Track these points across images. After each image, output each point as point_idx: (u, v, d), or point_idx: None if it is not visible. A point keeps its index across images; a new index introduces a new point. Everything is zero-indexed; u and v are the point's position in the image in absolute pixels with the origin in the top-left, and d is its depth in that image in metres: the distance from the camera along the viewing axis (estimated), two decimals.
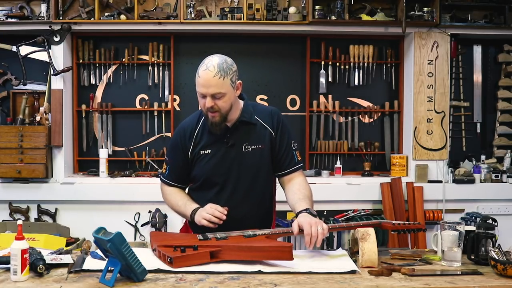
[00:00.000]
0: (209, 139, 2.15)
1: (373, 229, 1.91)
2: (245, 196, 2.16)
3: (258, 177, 2.17)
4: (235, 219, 2.11)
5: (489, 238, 1.93)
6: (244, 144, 2.15)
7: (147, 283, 1.64)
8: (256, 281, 1.67)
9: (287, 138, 2.22)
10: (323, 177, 4.11)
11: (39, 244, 3.25)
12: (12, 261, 1.64)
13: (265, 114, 2.21)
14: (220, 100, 2.02)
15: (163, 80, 4.15)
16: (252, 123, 2.17)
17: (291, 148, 2.23)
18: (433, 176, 4.06)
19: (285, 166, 2.22)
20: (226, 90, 2.02)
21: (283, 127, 2.22)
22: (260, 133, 2.18)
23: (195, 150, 2.16)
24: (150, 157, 4.14)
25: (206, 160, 2.14)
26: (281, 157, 2.21)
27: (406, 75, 4.19)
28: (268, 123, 2.19)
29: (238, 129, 2.15)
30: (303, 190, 2.16)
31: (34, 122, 3.87)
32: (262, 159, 2.17)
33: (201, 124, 2.18)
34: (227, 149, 2.13)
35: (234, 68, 2.08)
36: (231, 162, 2.13)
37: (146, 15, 3.87)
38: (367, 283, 1.67)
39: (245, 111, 2.17)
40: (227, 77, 2.02)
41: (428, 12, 3.91)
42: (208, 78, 2.00)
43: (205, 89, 2.01)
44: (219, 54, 2.10)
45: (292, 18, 3.89)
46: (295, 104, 4.23)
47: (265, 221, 2.24)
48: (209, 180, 2.16)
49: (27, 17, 3.84)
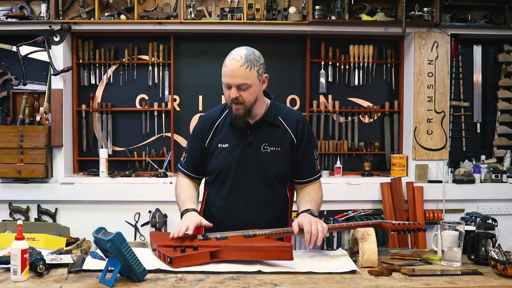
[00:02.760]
0: (229, 133, 2.13)
1: (373, 229, 1.91)
2: (261, 197, 2.12)
3: (273, 179, 2.13)
4: (247, 218, 2.09)
5: (489, 238, 1.93)
6: (263, 144, 2.11)
7: (147, 283, 1.64)
8: (256, 281, 1.67)
9: (311, 148, 2.19)
10: (323, 177, 4.05)
11: (39, 244, 3.25)
12: (12, 261, 1.64)
13: (290, 118, 2.17)
14: (246, 91, 2.00)
15: (163, 80, 4.15)
16: (275, 124, 2.13)
17: (313, 158, 2.20)
18: (433, 176, 4.06)
19: (306, 175, 2.19)
20: (252, 82, 2.00)
21: (309, 136, 2.18)
22: (281, 136, 2.14)
23: (213, 142, 2.14)
24: (150, 157, 4.14)
25: (222, 154, 2.12)
26: (303, 165, 2.17)
27: (406, 75, 4.19)
28: (292, 128, 2.15)
29: (260, 128, 2.12)
30: (312, 194, 2.16)
31: (34, 122, 3.87)
32: (280, 162, 2.13)
33: (224, 117, 2.16)
34: (245, 146, 2.10)
35: (262, 60, 2.05)
36: (247, 160, 2.10)
37: (146, 15, 3.87)
38: (367, 283, 1.67)
39: (270, 111, 2.14)
40: (254, 68, 1.99)
41: (428, 12, 3.91)
42: (234, 68, 1.97)
43: (231, 79, 1.99)
44: (246, 46, 2.06)
45: (292, 18, 3.89)
46: (295, 104, 4.23)
47: (278, 223, 2.16)
48: (223, 174, 2.13)
49: (27, 17, 3.85)
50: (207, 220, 2.04)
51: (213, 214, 2.18)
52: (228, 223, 2.09)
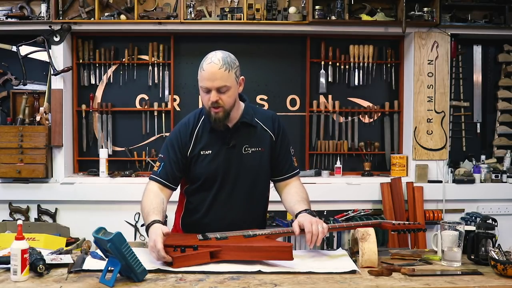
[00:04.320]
0: (210, 139, 2.13)
1: (373, 229, 1.91)
2: (243, 198, 2.15)
3: (256, 179, 2.16)
4: (233, 220, 2.11)
5: (489, 238, 1.93)
6: (244, 145, 2.13)
7: (147, 283, 1.64)
8: (256, 281, 1.67)
9: (287, 143, 2.23)
10: (323, 177, 4.11)
11: (39, 244, 3.25)
12: (12, 261, 1.64)
13: (265, 117, 2.21)
14: (225, 94, 2.00)
15: (163, 80, 4.15)
16: (252, 125, 2.16)
17: (290, 154, 2.24)
18: (433, 176, 4.06)
19: (284, 171, 2.22)
20: (231, 84, 2.01)
21: (284, 132, 2.22)
22: (260, 136, 2.17)
23: (195, 150, 2.13)
24: (150, 157, 4.13)
25: (206, 161, 2.12)
26: (280, 162, 2.21)
27: (406, 75, 4.19)
28: (269, 126, 2.19)
29: (239, 130, 2.14)
30: (300, 193, 2.17)
31: (34, 122, 3.87)
32: (262, 162, 2.16)
33: (201, 124, 2.15)
34: (228, 150, 2.12)
35: (237, 63, 2.06)
36: (231, 163, 2.12)
37: (146, 15, 3.87)
38: (367, 283, 1.67)
39: (246, 113, 2.16)
40: (232, 70, 2.01)
41: (428, 12, 3.91)
42: (213, 71, 1.97)
43: (210, 82, 1.98)
44: (221, 50, 2.08)
45: (292, 18, 3.89)
46: (295, 104, 4.23)
47: (261, 224, 2.24)
48: (209, 180, 2.13)
49: (27, 17, 3.84)
50: (189, 224, 2.15)
51: (196, 219, 2.17)
52: (214, 226, 2.09)
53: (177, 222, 2.27)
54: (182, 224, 2.24)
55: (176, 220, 2.27)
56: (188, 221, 2.22)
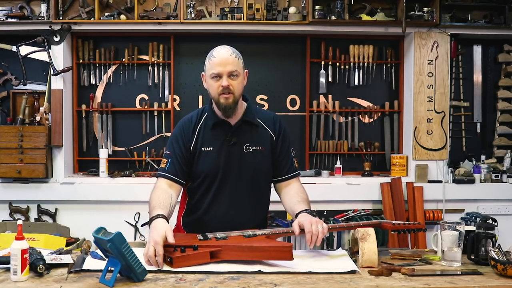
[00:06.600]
0: (211, 136, 2.14)
1: (373, 229, 1.91)
2: (244, 196, 2.15)
3: (257, 178, 2.17)
4: (233, 218, 2.12)
5: (489, 238, 1.93)
6: (245, 144, 2.15)
7: (147, 283, 1.64)
8: (256, 281, 1.67)
9: (288, 144, 2.24)
10: (323, 177, 4.11)
11: (39, 244, 3.25)
12: (12, 261, 1.64)
13: (267, 118, 2.23)
14: (235, 81, 2.05)
15: (163, 80, 4.16)
16: (254, 124, 2.17)
17: (291, 155, 2.25)
18: (433, 176, 4.06)
19: (285, 172, 2.23)
20: (240, 71, 2.08)
21: (285, 133, 2.24)
22: (261, 135, 2.18)
23: (197, 146, 2.14)
24: (150, 157, 4.14)
25: (207, 157, 2.13)
26: (280, 162, 2.22)
27: (406, 75, 4.19)
28: (270, 126, 2.21)
29: (241, 129, 2.15)
30: (300, 194, 2.17)
31: (34, 122, 3.87)
32: (262, 161, 2.17)
33: (204, 120, 2.17)
34: (229, 147, 2.13)
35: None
36: (232, 161, 2.13)
37: (146, 15, 3.87)
38: (367, 283, 1.67)
39: (248, 112, 2.18)
40: (240, 59, 2.09)
41: (428, 12, 3.91)
42: (225, 56, 2.04)
43: (222, 67, 2.03)
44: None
45: (292, 18, 3.89)
46: (295, 104, 4.23)
47: (262, 224, 2.24)
48: (210, 177, 2.14)
49: (27, 17, 3.84)
50: (188, 229, 2.16)
51: (197, 217, 2.18)
52: (214, 224, 2.10)
53: (179, 221, 2.28)
54: (183, 222, 2.25)
55: (178, 219, 2.28)
56: (189, 219, 2.23)
